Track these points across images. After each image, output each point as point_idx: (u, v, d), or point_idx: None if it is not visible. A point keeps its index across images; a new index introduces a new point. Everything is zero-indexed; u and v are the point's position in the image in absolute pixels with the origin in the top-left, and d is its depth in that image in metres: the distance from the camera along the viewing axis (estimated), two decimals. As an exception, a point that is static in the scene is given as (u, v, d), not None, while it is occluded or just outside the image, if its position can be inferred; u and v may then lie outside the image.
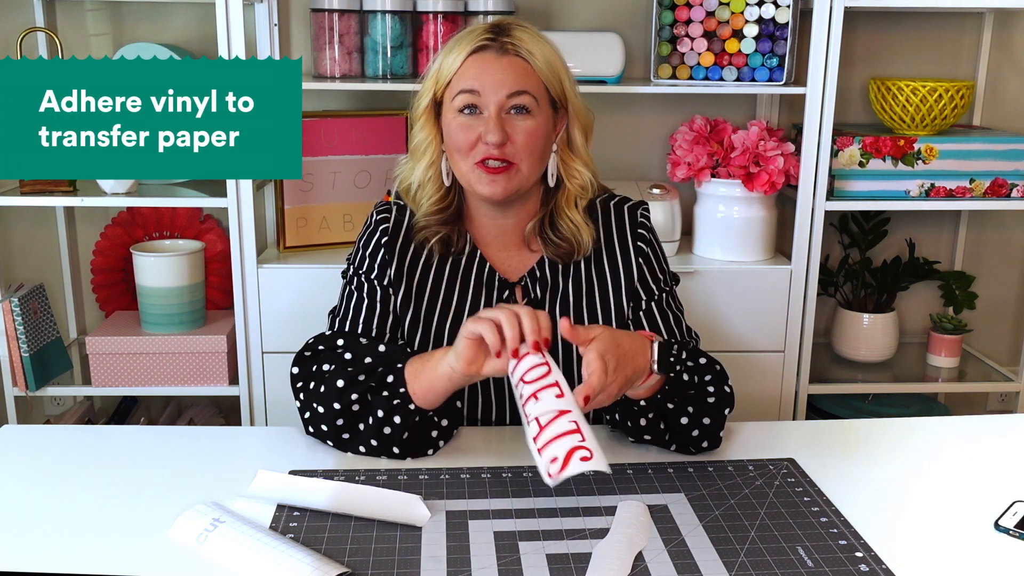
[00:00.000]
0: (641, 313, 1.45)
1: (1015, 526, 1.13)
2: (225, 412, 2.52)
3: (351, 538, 1.10)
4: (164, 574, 1.03)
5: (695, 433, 1.31)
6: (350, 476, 1.25)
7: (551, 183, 1.43)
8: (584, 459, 1.03)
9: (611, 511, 1.15)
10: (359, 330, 1.41)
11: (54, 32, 2.22)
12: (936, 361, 2.43)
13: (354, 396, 1.29)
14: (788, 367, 2.25)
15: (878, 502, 1.21)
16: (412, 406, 1.27)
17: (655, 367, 1.23)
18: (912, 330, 2.61)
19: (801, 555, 1.07)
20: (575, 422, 1.07)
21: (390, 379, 1.29)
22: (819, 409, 2.37)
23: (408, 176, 1.45)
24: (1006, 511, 1.17)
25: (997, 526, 1.14)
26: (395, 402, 1.28)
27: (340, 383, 1.29)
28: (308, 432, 1.35)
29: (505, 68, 1.35)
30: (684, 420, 1.30)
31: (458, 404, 1.38)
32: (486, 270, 1.45)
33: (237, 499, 1.17)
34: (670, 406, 1.29)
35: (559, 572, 1.03)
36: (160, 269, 2.14)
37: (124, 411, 2.42)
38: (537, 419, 1.08)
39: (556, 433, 1.06)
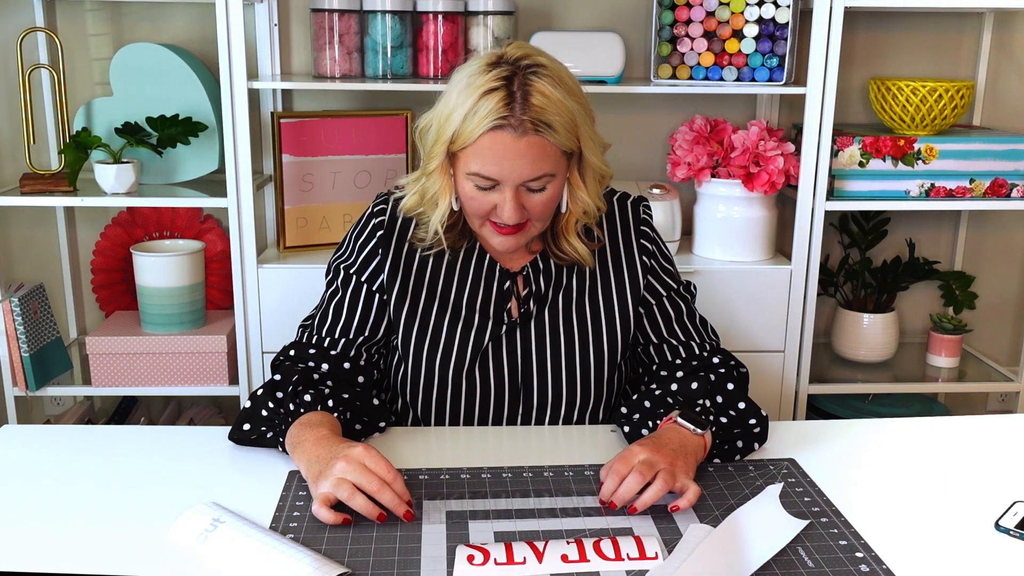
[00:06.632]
0: (655, 310, 1.46)
1: (1015, 526, 1.13)
2: (225, 412, 2.52)
3: (351, 538, 1.10)
4: (164, 574, 1.03)
5: (756, 445, 1.34)
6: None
7: (562, 210, 1.40)
8: None
9: (610, 511, 1.15)
10: (337, 334, 1.42)
11: (54, 32, 2.22)
12: (936, 361, 2.43)
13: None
14: (788, 367, 2.25)
15: (878, 502, 1.21)
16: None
17: (697, 430, 1.26)
18: (912, 330, 2.61)
19: (801, 555, 1.07)
20: None
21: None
22: (819, 409, 2.37)
23: (416, 206, 1.42)
24: (1006, 511, 1.17)
25: (997, 526, 1.14)
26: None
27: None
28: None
29: (523, 152, 1.27)
30: (739, 444, 1.33)
31: (375, 402, 1.40)
32: (486, 261, 1.45)
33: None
34: (727, 447, 1.32)
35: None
36: (160, 269, 2.14)
37: (124, 411, 2.42)
38: None
39: None
